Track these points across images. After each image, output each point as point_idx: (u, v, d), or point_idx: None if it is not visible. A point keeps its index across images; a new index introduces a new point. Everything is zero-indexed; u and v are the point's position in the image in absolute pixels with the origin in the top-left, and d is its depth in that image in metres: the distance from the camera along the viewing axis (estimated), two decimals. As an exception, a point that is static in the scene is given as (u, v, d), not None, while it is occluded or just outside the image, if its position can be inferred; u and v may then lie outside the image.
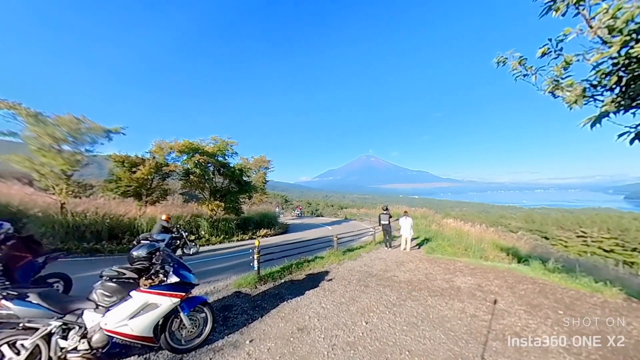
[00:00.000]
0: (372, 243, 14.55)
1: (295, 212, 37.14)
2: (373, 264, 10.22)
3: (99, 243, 11.76)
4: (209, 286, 7.46)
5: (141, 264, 4.43)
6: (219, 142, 17.63)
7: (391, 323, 5.35)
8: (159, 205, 16.02)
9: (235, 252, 12.42)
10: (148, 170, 14.67)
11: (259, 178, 21.72)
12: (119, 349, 3.99)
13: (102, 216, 12.81)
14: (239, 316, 5.76)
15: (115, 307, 4.00)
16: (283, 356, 4.32)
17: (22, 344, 3.65)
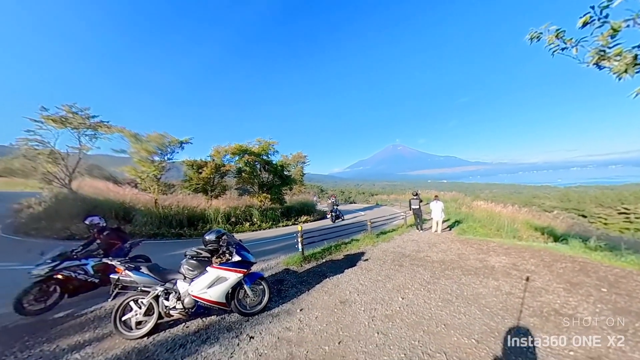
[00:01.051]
0: (404, 226, 13.72)
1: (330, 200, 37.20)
2: (406, 245, 9.70)
3: (182, 229, 13.35)
4: (264, 264, 7.78)
5: (212, 246, 4.85)
6: (262, 143, 18.22)
7: (426, 299, 5.11)
8: (220, 199, 16.99)
9: (282, 236, 12.62)
10: (210, 171, 16.41)
11: (297, 172, 22.02)
12: (203, 310, 4.73)
13: (182, 208, 14.42)
14: (289, 289, 5.95)
15: (197, 279, 4.59)
16: (329, 324, 4.37)
17: (141, 301, 4.41)
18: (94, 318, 4.91)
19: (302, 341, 3.97)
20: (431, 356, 3.43)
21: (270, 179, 18.39)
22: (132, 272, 4.47)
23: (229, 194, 18.26)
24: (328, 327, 4.31)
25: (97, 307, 5.28)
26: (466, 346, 3.58)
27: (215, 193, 17.02)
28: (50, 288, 5.22)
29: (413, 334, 3.93)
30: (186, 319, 4.64)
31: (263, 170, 18.31)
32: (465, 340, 3.70)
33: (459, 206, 19.95)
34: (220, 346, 3.93)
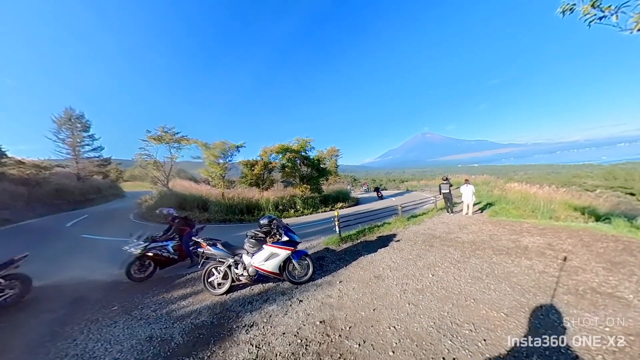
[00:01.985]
0: (434, 210, 12.86)
1: (363, 188, 36.78)
2: (436, 227, 9.20)
3: (242, 215, 14.71)
4: (307, 244, 8.06)
5: (266, 229, 5.29)
6: (300, 141, 18.67)
7: (456, 276, 4.89)
8: (270, 191, 17.82)
9: (321, 220, 12.84)
10: (260, 168, 17.75)
11: (332, 164, 22.19)
12: (263, 278, 5.26)
13: (241, 199, 15.88)
14: (329, 265, 6.13)
15: (256, 254, 5.12)
16: (365, 294, 4.47)
17: (219, 269, 5.13)
18: (191, 279, 5.91)
19: (342, 306, 4.14)
20: (459, 326, 3.37)
21: (309, 172, 18.74)
22: (211, 247, 5.28)
23: (276, 186, 19.04)
24: (364, 296, 4.41)
25: (192, 272, 6.29)
26: (494, 319, 3.45)
27: (265, 186, 18.03)
28: (146, 262, 6.11)
29: (442, 306, 3.86)
30: (251, 283, 5.25)
31: (302, 165, 18.74)
32: (493, 314, 3.55)
33: (491, 189, 18.08)
34: (277, 305, 4.39)
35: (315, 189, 18.20)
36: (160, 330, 3.95)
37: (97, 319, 4.39)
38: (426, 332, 3.28)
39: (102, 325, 4.20)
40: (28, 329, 4.17)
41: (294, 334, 3.54)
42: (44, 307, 4.91)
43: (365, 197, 26.84)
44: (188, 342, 3.60)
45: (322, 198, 18.07)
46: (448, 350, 2.94)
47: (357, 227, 9.18)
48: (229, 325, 3.91)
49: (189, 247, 6.66)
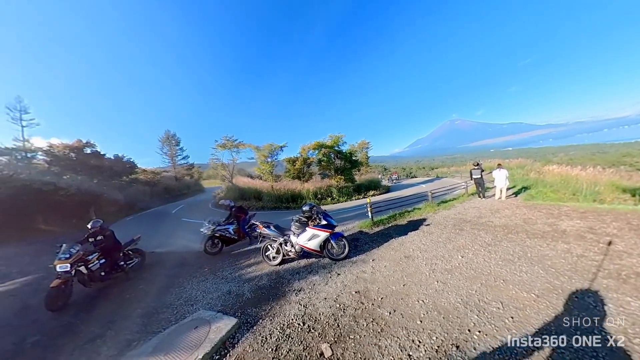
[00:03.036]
0: (465, 195, 11.64)
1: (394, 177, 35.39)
2: (467, 212, 8.41)
3: (288, 203, 15.48)
4: (343, 227, 8.07)
5: (307, 214, 5.50)
6: (333, 137, 18.69)
7: (486, 258, 4.50)
8: (309, 182, 18.23)
9: (355, 207, 12.74)
10: (300, 163, 18.49)
11: (363, 156, 21.81)
12: (307, 254, 5.52)
13: (287, 190, 16.54)
14: (363, 245, 6.09)
15: (301, 234, 5.38)
16: (396, 272, 4.42)
17: (273, 245, 5.59)
18: (252, 253, 6.51)
19: (375, 281, 4.18)
20: (487, 303, 3.19)
21: (342, 164, 18.65)
22: (266, 229, 5.78)
23: (314, 178, 19.38)
24: (395, 273, 4.37)
25: (250, 248, 7.00)
26: (524, 299, 3.18)
27: (305, 178, 18.60)
28: (215, 240, 6.88)
29: (471, 285, 3.66)
30: (298, 258, 5.57)
31: (336, 158, 18.75)
32: (523, 294, 3.28)
33: (527, 172, 15.66)
34: (319, 276, 4.63)
35: (348, 179, 18.05)
36: (235, 287, 4.67)
37: (195, 276, 5.46)
38: (453, 307, 3.18)
39: (199, 280, 5.23)
40: (157, 281, 5.43)
41: (333, 299, 3.73)
42: (163, 267, 6.27)
43: (395, 185, 25.82)
44: (254, 297, 4.17)
45: (355, 187, 17.87)
46: (474, 324, 2.83)
47: (388, 213, 8.91)
48: (282, 289, 4.32)
49: (245, 229, 7.29)
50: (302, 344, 2.91)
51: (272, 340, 3.05)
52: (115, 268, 5.43)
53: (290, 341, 2.97)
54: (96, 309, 4.43)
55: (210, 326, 3.41)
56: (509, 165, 17.56)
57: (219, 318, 3.60)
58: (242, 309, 3.84)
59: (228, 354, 2.93)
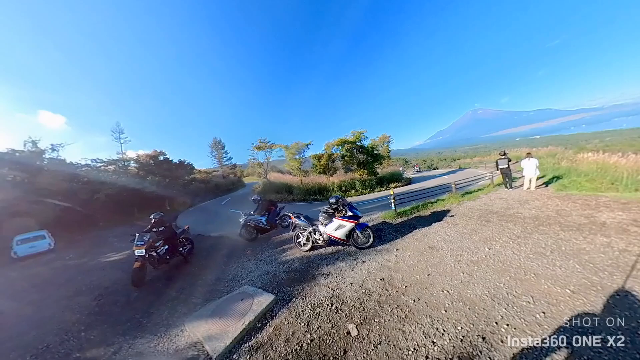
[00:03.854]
0: (490, 186, 10.30)
1: (415, 169, 33.50)
2: (493, 203, 7.49)
3: (315, 196, 15.50)
4: (367, 217, 7.77)
5: (334, 206, 5.43)
6: (355, 133, 18.07)
7: (515, 251, 3.98)
8: (334, 176, 18.03)
9: (377, 198, 12.31)
10: (325, 159, 18.29)
11: (384, 149, 20.93)
12: (334, 242, 5.41)
13: (314, 184, 16.57)
14: (387, 235, 5.82)
15: (328, 225, 5.33)
16: (420, 262, 4.16)
17: (303, 233, 5.64)
18: (285, 240, 6.60)
19: (399, 269, 4.00)
20: (516, 297, 2.86)
21: (365, 158, 18.07)
22: (297, 219, 5.85)
23: (339, 173, 19.18)
24: (419, 263, 4.12)
25: (284, 235, 7.10)
26: (557, 294, 2.78)
27: (330, 173, 18.40)
28: (250, 229, 7.18)
29: (498, 277, 3.26)
30: (326, 246, 5.56)
31: (359, 153, 18.18)
32: (557, 290, 2.87)
33: (558, 161, 13.43)
34: (345, 263, 4.58)
35: (371, 172, 17.48)
36: (272, 268, 4.90)
37: (240, 257, 5.92)
38: (480, 299, 2.91)
39: (243, 261, 5.64)
40: (211, 260, 6.03)
41: (359, 284, 3.66)
42: (216, 249, 6.94)
43: (417, 176, 24.40)
44: (288, 278, 4.32)
45: (377, 180, 17.23)
46: (502, 317, 2.57)
47: (411, 204, 8.37)
48: (312, 272, 4.38)
49: (275, 220, 7.50)
50: (330, 322, 2.93)
51: (304, 316, 3.13)
52: (175, 253, 5.88)
53: (320, 319, 3.01)
54: (171, 281, 5.07)
55: (253, 299, 3.68)
56: (537, 154, 15.16)
57: (260, 293, 3.85)
58: (278, 288, 4.01)
59: (268, 324, 3.12)
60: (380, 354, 2.35)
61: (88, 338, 3.53)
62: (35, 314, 4.47)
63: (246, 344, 2.87)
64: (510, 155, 11.49)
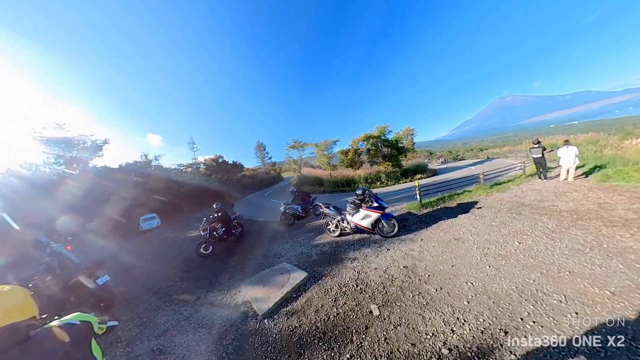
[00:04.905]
0: (522, 177, 8.75)
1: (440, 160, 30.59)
2: (525, 195, 6.42)
3: (343, 187, 15.48)
4: (392, 208, 7.38)
5: (360, 197, 5.23)
6: (379, 128, 17.13)
7: (549, 246, 3.38)
8: (360, 169, 17.63)
9: (402, 190, 11.61)
10: (352, 154, 17.86)
11: (408, 142, 19.53)
12: (361, 230, 5.31)
13: (342, 177, 16.55)
14: (412, 225, 5.44)
15: (355, 214, 5.21)
16: (444, 252, 3.81)
17: (332, 221, 5.65)
18: (316, 227, 6.76)
19: (422, 259, 3.76)
20: (546, 295, 2.48)
21: (389, 152, 17.08)
22: (327, 208, 5.86)
23: (365, 166, 18.65)
24: (443, 254, 3.78)
25: (316, 222, 7.19)
26: (595, 295, 2.35)
27: (357, 166, 18.02)
28: (288, 216, 7.52)
29: (528, 273, 2.84)
30: (353, 233, 5.45)
31: (383, 147, 17.26)
32: (594, 290, 2.41)
33: (600, 149, 10.79)
34: (370, 249, 4.48)
35: (395, 164, 16.52)
36: (305, 250, 5.13)
37: (280, 239, 6.25)
38: (505, 294, 2.60)
39: (282, 242, 5.96)
40: (258, 240, 6.61)
41: (383, 270, 3.58)
42: (262, 231, 7.51)
43: (442, 167, 22.34)
44: (319, 259, 4.48)
45: (402, 172, 16.25)
46: (528, 313, 2.28)
47: (436, 195, 7.68)
48: (340, 256, 4.43)
49: (308, 209, 7.69)
50: (354, 301, 2.96)
51: (332, 293, 3.23)
52: (230, 234, 6.59)
53: (346, 297, 3.07)
54: (230, 255, 5.86)
55: (290, 274, 3.94)
56: (576, 142, 12.34)
57: (296, 270, 4.08)
58: (310, 267, 4.17)
59: (301, 296, 3.33)
60: (399, 334, 2.31)
61: (181, 287, 4.53)
62: (152, 268, 5.98)
63: (284, 309, 3.11)
64: (545, 144, 9.61)
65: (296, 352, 2.35)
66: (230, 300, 3.65)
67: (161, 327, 3.28)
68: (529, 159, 8.86)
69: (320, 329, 2.59)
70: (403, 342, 2.21)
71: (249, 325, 2.94)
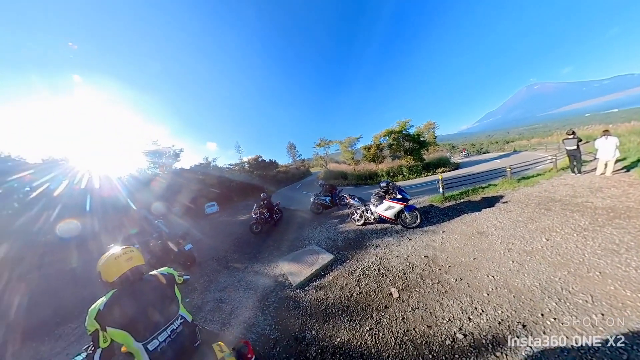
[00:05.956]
0: (553, 170, 7.55)
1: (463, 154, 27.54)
2: (556, 190, 5.55)
3: (366, 180, 15.23)
4: (414, 200, 7.04)
5: (384, 189, 5.10)
6: (400, 123, 16.16)
7: (579, 245, 2.96)
8: (382, 164, 17.02)
9: (424, 183, 10.96)
10: (374, 149, 17.43)
11: (430, 136, 18.04)
12: (384, 221, 5.20)
13: (365, 170, 16.11)
14: (434, 218, 5.09)
15: (379, 205, 5.07)
16: (467, 245, 3.54)
17: (357, 211, 5.59)
18: (342, 216, 6.79)
19: (444, 250, 3.57)
20: (572, 294, 2.25)
21: (411, 146, 16.00)
22: (352, 199, 5.83)
23: (387, 160, 17.93)
24: (465, 247, 3.53)
25: (341, 212, 7.26)
26: (626, 298, 2.05)
27: (379, 161, 17.47)
28: (317, 206, 7.78)
29: (554, 271, 2.55)
30: (376, 223, 5.35)
31: (405, 141, 16.23)
32: (626, 293, 2.12)
33: None
34: (393, 238, 4.38)
35: (417, 158, 15.50)
36: (332, 235, 5.26)
37: (310, 225, 6.47)
38: (528, 289, 2.38)
39: (312, 228, 6.16)
40: (292, 226, 6.99)
41: (404, 258, 3.52)
42: (294, 218, 7.89)
43: (465, 161, 20.11)
44: (344, 244, 4.55)
45: (424, 165, 15.20)
46: (550, 310, 2.09)
47: (460, 189, 7.08)
48: (364, 243, 4.43)
49: (335, 200, 7.85)
50: (376, 283, 2.99)
51: (355, 274, 3.31)
52: (272, 218, 7.05)
53: (368, 279, 3.12)
54: (269, 236, 6.43)
55: (319, 255, 4.11)
56: (616, 132, 9.90)
57: (324, 252, 4.24)
58: (336, 250, 4.27)
59: (328, 274, 3.48)
60: (417, 316, 2.31)
61: (233, 257, 5.21)
62: (212, 242, 6.92)
63: (313, 283, 3.31)
64: (579, 135, 8.02)
65: (322, 319, 2.51)
66: (270, 271, 3.98)
67: (222, 285, 3.85)
68: (561, 152, 7.68)
69: (344, 303, 2.70)
70: (419, 324, 2.21)
71: (285, 292, 3.21)
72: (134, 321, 1.11)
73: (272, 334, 2.45)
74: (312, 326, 2.45)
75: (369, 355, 1.98)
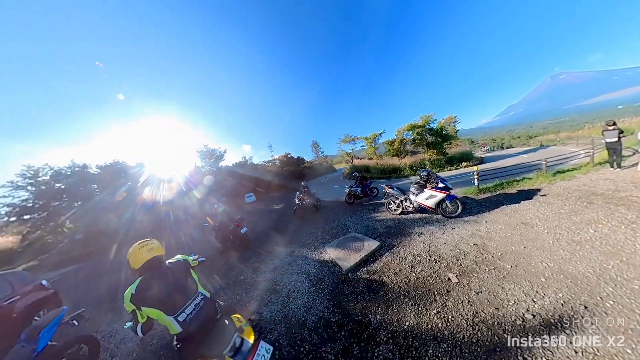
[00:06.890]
0: (589, 165, 7.06)
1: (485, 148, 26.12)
2: (595, 184, 5.26)
3: (389, 174, 15.35)
4: None
5: (424, 178, 4.98)
6: (424, 117, 15.90)
7: (628, 236, 2.86)
8: (406, 158, 16.79)
9: (447, 176, 10.68)
10: (398, 143, 17.39)
11: (451, 130, 17.37)
12: (422, 210, 5.12)
13: (388, 165, 16.34)
14: (472, 209, 4.88)
15: (419, 194, 5.02)
16: (513, 235, 3.38)
17: (395, 200, 5.55)
18: (373, 205, 6.92)
19: (491, 239, 3.42)
20: (627, 280, 2.22)
21: (434, 140, 15.66)
22: (391, 189, 5.78)
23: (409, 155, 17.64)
24: (512, 236, 3.37)
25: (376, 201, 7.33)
26: None
27: (402, 155, 17.33)
28: (351, 196, 8.05)
29: (606, 259, 2.51)
30: (414, 212, 5.25)
31: (427, 135, 15.90)
32: None
33: None
34: (435, 227, 4.23)
35: (440, 152, 15.19)
36: (369, 224, 5.19)
37: (345, 214, 6.56)
38: (583, 275, 2.36)
39: (346, 216, 6.31)
40: (329, 214, 7.21)
41: (453, 245, 3.37)
42: (330, 208, 7.97)
43: (488, 156, 19.01)
44: (384, 232, 4.47)
45: (446, 159, 14.82)
46: (607, 294, 2.09)
47: (489, 182, 6.73)
48: (406, 230, 4.28)
49: (367, 190, 8.08)
50: (431, 269, 2.87)
51: (407, 261, 3.16)
52: (313, 205, 7.47)
53: (422, 265, 2.98)
54: (311, 223, 6.62)
55: (364, 242, 3.94)
56: None
57: (368, 239, 4.03)
58: (379, 237, 4.07)
59: (377, 260, 3.33)
60: (482, 299, 2.23)
61: (275, 241, 5.49)
62: (255, 225, 7.68)
63: (364, 268, 3.18)
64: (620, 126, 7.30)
65: (384, 303, 2.41)
66: (319, 256, 3.87)
67: (271, 266, 3.91)
68: (597, 146, 7.15)
69: (403, 288, 2.59)
70: (486, 306, 2.15)
71: (337, 276, 3.12)
72: (161, 300, 1.28)
73: (333, 317, 2.36)
74: (376, 311, 2.35)
75: (442, 337, 1.92)
